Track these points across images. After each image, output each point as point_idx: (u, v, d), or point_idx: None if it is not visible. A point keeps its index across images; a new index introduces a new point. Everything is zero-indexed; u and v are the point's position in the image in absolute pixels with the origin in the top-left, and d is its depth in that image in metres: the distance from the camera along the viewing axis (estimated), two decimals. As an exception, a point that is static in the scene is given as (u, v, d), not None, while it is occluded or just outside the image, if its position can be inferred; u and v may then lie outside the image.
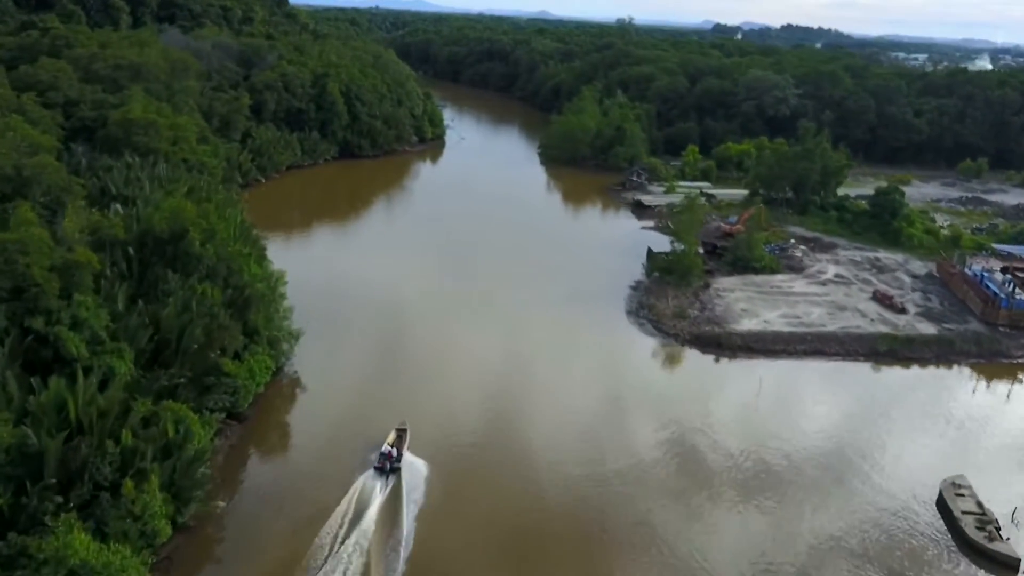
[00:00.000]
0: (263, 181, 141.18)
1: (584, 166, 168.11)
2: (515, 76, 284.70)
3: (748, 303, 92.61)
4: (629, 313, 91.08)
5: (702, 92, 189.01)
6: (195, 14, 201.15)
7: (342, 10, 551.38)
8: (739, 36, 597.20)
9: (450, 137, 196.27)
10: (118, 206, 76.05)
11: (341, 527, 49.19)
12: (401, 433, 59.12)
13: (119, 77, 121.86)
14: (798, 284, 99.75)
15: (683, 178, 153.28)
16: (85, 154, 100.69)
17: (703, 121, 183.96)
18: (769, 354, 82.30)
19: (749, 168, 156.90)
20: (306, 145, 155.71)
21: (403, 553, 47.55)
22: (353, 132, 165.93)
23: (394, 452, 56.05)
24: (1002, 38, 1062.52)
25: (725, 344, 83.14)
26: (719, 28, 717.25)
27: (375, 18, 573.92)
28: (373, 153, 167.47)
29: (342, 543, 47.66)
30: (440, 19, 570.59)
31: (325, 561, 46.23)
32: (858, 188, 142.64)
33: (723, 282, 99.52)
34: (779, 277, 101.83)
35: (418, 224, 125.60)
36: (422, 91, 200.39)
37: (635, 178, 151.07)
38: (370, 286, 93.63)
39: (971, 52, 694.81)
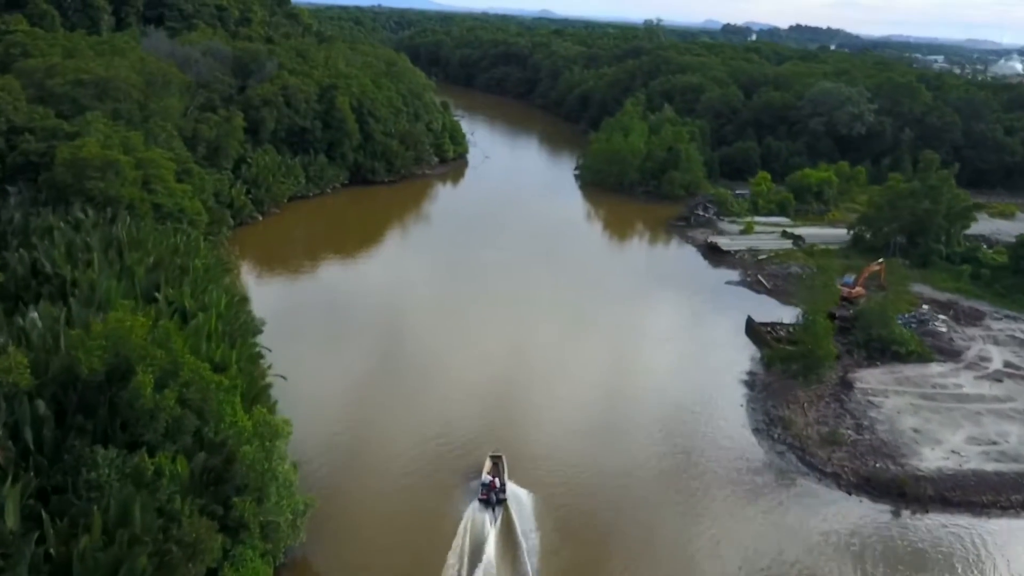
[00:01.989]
0: (260, 218, 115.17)
1: (632, 194, 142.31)
2: (535, 82, 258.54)
3: (915, 416, 67.05)
4: (758, 433, 65.38)
5: (760, 106, 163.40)
6: (186, 14, 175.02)
7: (344, 9, 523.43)
8: (753, 37, 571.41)
9: (473, 155, 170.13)
10: (33, 315, 50.07)
11: (461, 565, 46.86)
12: (496, 461, 56.04)
13: (80, 96, 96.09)
14: (965, 380, 74.15)
15: (756, 211, 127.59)
16: (20, 205, 74.82)
17: (762, 140, 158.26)
18: (974, 509, 56.92)
19: (828, 199, 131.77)
20: (311, 171, 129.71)
21: None
22: (366, 154, 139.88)
23: (497, 482, 52.86)
24: (1008, 39, 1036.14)
25: (911, 493, 57.62)
26: (729, 28, 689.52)
27: (379, 17, 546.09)
28: (389, 179, 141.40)
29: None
30: (448, 18, 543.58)
31: None
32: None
33: (866, 377, 73.89)
34: (935, 368, 76.15)
35: (447, 278, 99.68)
36: (439, 101, 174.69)
37: (701, 212, 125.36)
38: (392, 375, 68.01)
39: (986, 53, 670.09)
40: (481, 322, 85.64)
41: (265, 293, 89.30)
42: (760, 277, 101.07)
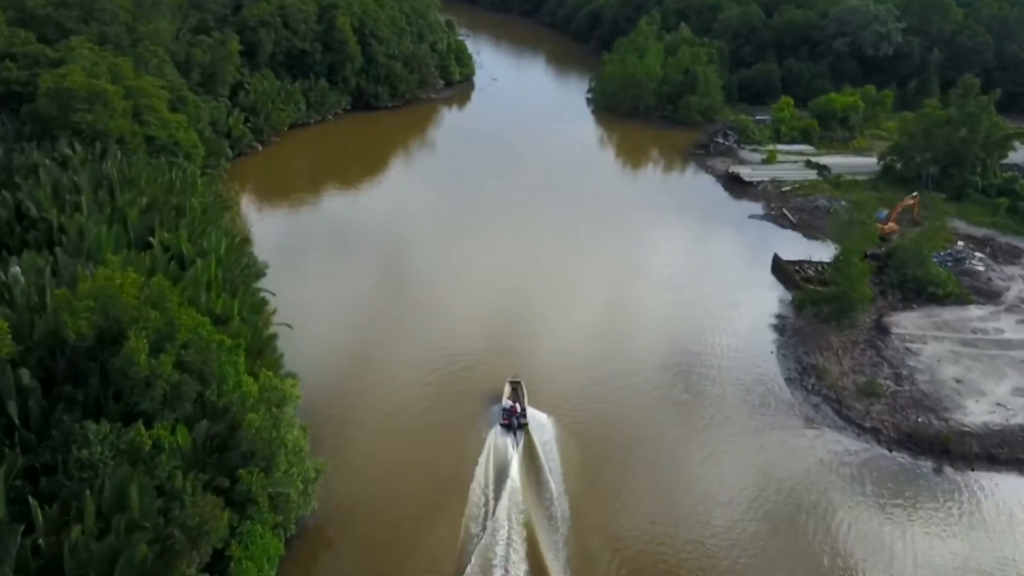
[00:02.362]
0: (260, 148, 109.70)
1: (647, 119, 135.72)
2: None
3: (956, 364, 63.49)
4: (790, 383, 61.95)
5: (782, 26, 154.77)
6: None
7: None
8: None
9: (479, 77, 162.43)
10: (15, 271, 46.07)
11: (487, 488, 47.42)
12: (516, 386, 55.96)
13: (64, 18, 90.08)
14: (1007, 324, 70.28)
15: (778, 139, 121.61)
16: (3, 140, 69.92)
17: (783, 61, 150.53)
18: (1022, 467, 53.92)
19: (854, 125, 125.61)
20: (312, 97, 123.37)
21: (558, 511, 46.06)
22: (368, 78, 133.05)
23: (517, 407, 53.07)
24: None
25: (956, 450, 54.45)
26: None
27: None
28: (393, 103, 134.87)
29: (495, 505, 45.66)
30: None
31: (484, 526, 44.49)
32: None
33: (902, 321, 70.06)
34: (974, 311, 72.24)
35: (454, 209, 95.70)
36: (444, 20, 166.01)
37: (720, 140, 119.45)
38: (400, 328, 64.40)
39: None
40: (491, 254, 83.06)
41: (267, 229, 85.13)
42: (785, 211, 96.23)
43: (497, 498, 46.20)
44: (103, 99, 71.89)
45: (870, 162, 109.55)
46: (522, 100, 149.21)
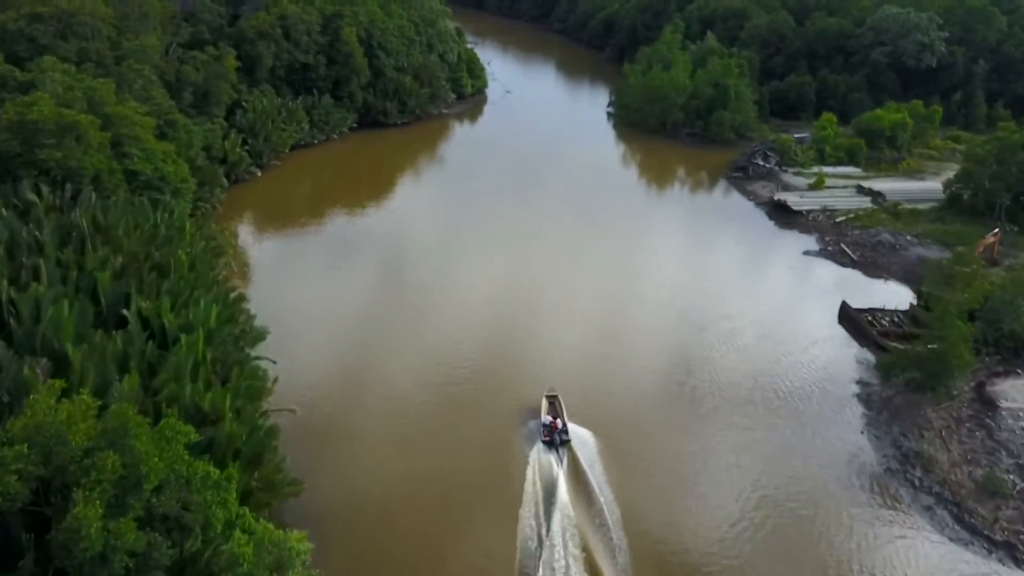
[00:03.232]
0: (259, 174, 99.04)
1: (675, 136, 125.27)
2: (552, 4, 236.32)
3: (1089, 453, 52.97)
4: (892, 475, 51.41)
5: (814, 34, 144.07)
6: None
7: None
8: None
9: (492, 89, 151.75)
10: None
11: (537, 510, 45.41)
12: (553, 400, 54.05)
13: (38, 34, 79.45)
14: None
15: (822, 160, 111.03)
16: (-44, 184, 59.16)
17: (816, 73, 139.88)
18: None
19: (902, 144, 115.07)
20: (315, 115, 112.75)
21: (612, 528, 44.25)
22: (376, 93, 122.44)
23: (559, 422, 51.19)
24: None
25: (1114, 574, 43.98)
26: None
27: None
28: (402, 120, 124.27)
29: (548, 526, 43.86)
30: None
31: (540, 547, 42.72)
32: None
33: (1008, 392, 59.55)
34: (1088, 376, 61.81)
35: (477, 236, 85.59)
36: (453, 28, 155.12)
37: (760, 161, 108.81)
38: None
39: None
40: (513, 287, 74.54)
41: (267, 266, 76.14)
42: (843, 246, 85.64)
43: (549, 521, 44.47)
44: (76, 132, 61.22)
45: (929, 188, 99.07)
46: (538, 114, 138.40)
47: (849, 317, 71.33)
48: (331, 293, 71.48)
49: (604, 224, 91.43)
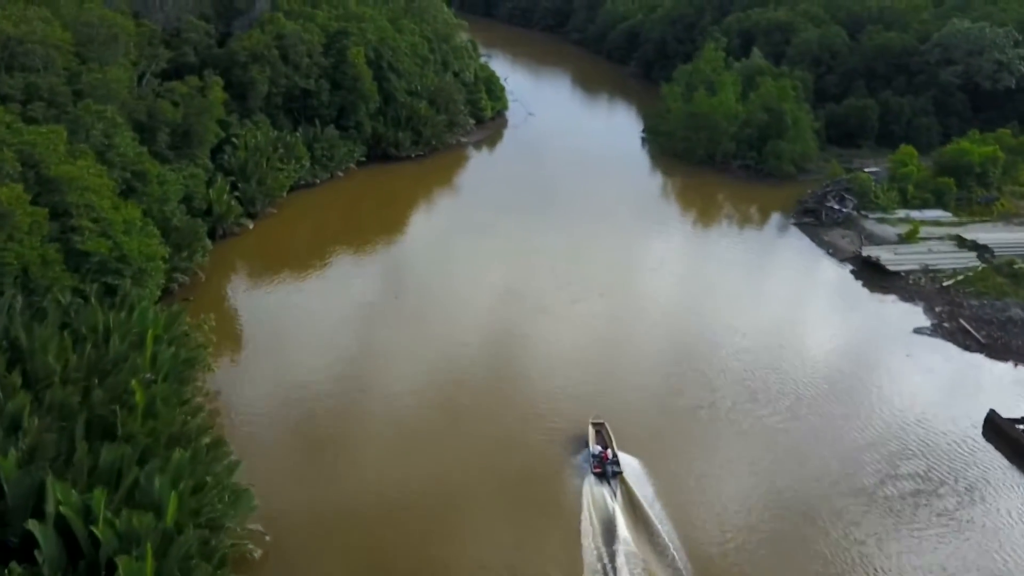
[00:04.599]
0: (251, 225, 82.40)
1: (726, 170, 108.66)
2: (567, 13, 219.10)
3: None
4: None
5: (872, 51, 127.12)
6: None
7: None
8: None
9: (513, 111, 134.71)
10: None
11: (598, 548, 42.79)
12: (599, 428, 51.38)
13: (-27, 67, 62.15)
14: None
15: (904, 203, 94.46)
16: None
17: (875, 94, 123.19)
18: None
19: (992, 182, 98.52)
20: (318, 149, 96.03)
21: (678, 559, 42.05)
22: (386, 121, 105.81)
23: (609, 453, 48.46)
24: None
25: None
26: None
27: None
28: (416, 153, 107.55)
29: (613, 566, 41.35)
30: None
31: None
32: None
33: None
34: None
35: (508, 303, 68.21)
36: (468, 41, 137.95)
37: (835, 205, 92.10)
38: None
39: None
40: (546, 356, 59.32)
41: (263, 351, 59.08)
42: (963, 322, 69.12)
43: (613, 559, 42.00)
44: (-6, 213, 44.58)
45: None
46: (565, 141, 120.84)
47: (999, 430, 55.07)
48: (347, 377, 55.46)
49: (656, 280, 75.72)
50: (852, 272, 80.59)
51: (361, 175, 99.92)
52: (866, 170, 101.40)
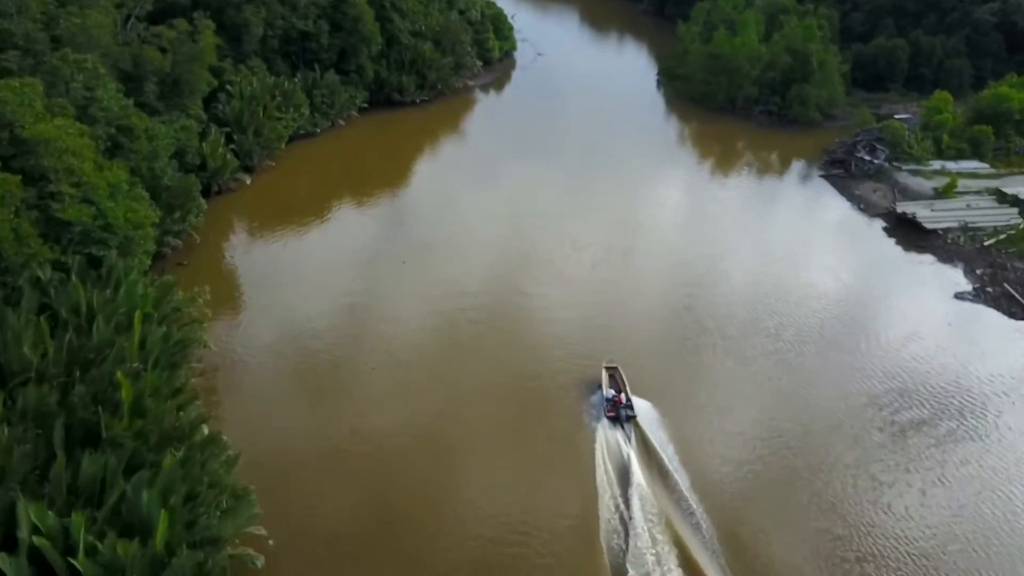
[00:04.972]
0: (248, 180, 77.39)
1: (747, 116, 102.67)
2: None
3: None
4: None
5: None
6: None
7: None
8: None
9: (521, 51, 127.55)
10: None
11: (612, 492, 42.91)
12: (613, 373, 50.68)
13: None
14: None
15: (939, 153, 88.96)
16: None
17: (904, 33, 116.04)
18: None
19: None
20: (317, 96, 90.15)
21: (696, 509, 41.99)
22: (390, 65, 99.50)
23: (623, 397, 48.20)
24: None
25: None
26: None
27: None
28: (421, 98, 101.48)
29: (628, 510, 41.45)
30: None
31: (627, 533, 40.37)
32: None
33: None
34: None
35: (534, 262, 63.82)
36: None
37: (866, 156, 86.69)
38: None
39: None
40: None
41: (260, 329, 54.74)
42: (1007, 286, 64.69)
43: (627, 503, 41.96)
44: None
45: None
46: (578, 83, 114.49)
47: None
48: (352, 336, 51.93)
49: (673, 234, 71.63)
50: (885, 229, 75.86)
51: (363, 123, 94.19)
52: (897, 117, 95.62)
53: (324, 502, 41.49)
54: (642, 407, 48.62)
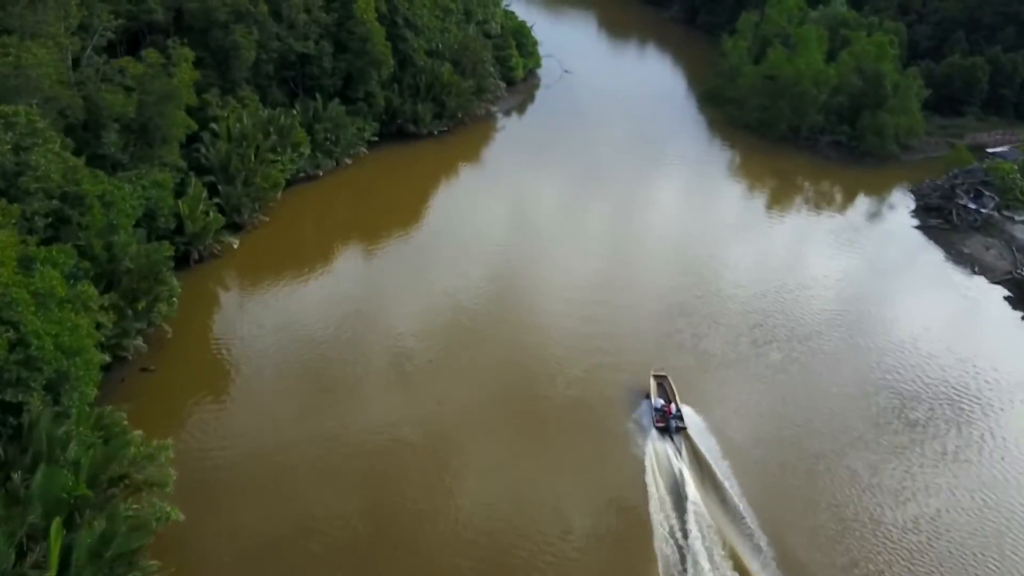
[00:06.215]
0: (235, 244, 62.69)
1: (814, 148, 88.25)
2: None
3: None
4: None
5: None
6: None
7: None
8: None
9: (546, 68, 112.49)
10: None
11: (666, 511, 39.82)
12: (662, 381, 48.10)
13: None
14: None
15: (1046, 196, 74.55)
16: None
17: (977, 49, 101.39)
18: None
19: None
20: (320, 131, 75.52)
21: (753, 525, 39.19)
22: (402, 91, 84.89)
23: (672, 407, 45.65)
24: None
25: None
26: None
27: None
28: (439, 128, 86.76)
29: (684, 528, 38.55)
30: None
31: (682, 552, 37.47)
32: None
33: None
34: None
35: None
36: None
37: (971, 204, 72.23)
38: None
39: None
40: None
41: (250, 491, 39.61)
42: None
43: (682, 521, 38.96)
44: None
45: None
46: (608, 105, 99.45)
47: None
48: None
49: (753, 299, 56.64)
50: (1009, 300, 61.53)
51: (373, 161, 79.49)
52: (992, 151, 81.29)
53: None
54: (692, 418, 45.74)
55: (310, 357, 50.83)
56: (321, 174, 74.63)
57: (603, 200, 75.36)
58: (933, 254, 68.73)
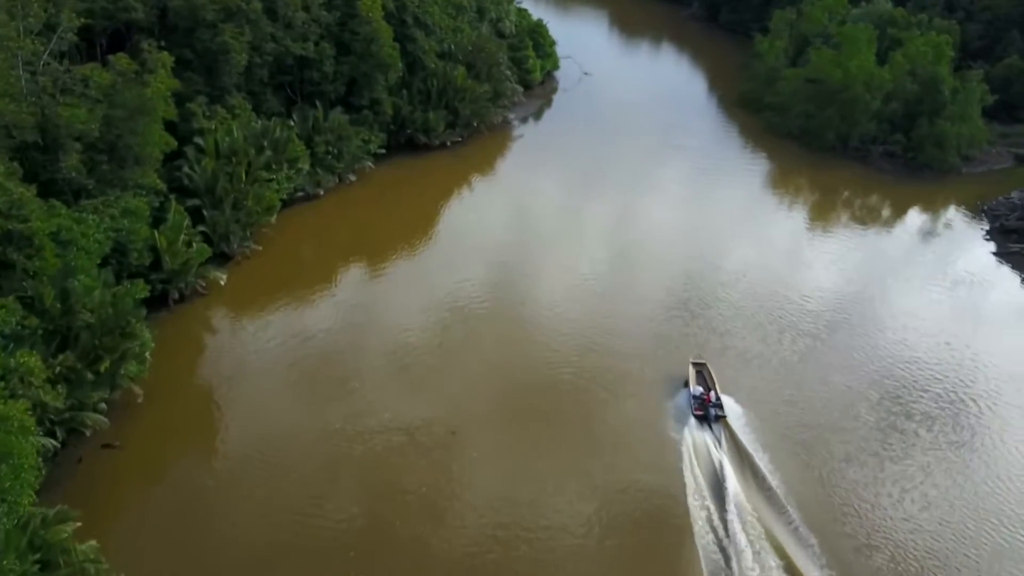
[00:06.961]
0: (223, 280, 53.59)
1: (866, 159, 79.38)
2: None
3: None
4: None
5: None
6: None
7: None
8: None
9: (564, 70, 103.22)
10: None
11: (705, 500, 38.42)
12: (701, 369, 46.46)
13: None
14: None
15: None
16: None
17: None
18: None
19: None
20: (320, 144, 66.44)
21: (796, 517, 37.60)
22: (412, 98, 75.82)
23: (712, 395, 44.10)
24: None
25: None
26: None
27: None
28: (452, 138, 77.74)
29: (724, 521, 37.00)
30: None
31: (723, 547, 35.98)
32: None
33: None
34: None
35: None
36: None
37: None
38: None
39: None
40: None
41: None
42: None
43: (722, 511, 37.43)
44: None
45: None
46: (630, 110, 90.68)
47: None
48: None
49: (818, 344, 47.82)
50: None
51: (380, 176, 70.44)
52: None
53: None
54: (732, 407, 43.98)
55: (312, 428, 41.86)
56: (322, 193, 65.60)
57: (637, 222, 66.40)
58: (1016, 284, 59.79)
